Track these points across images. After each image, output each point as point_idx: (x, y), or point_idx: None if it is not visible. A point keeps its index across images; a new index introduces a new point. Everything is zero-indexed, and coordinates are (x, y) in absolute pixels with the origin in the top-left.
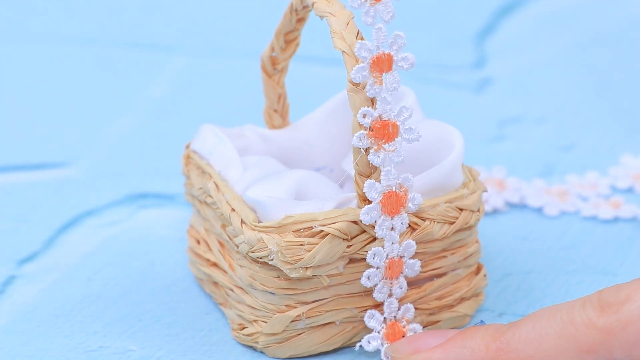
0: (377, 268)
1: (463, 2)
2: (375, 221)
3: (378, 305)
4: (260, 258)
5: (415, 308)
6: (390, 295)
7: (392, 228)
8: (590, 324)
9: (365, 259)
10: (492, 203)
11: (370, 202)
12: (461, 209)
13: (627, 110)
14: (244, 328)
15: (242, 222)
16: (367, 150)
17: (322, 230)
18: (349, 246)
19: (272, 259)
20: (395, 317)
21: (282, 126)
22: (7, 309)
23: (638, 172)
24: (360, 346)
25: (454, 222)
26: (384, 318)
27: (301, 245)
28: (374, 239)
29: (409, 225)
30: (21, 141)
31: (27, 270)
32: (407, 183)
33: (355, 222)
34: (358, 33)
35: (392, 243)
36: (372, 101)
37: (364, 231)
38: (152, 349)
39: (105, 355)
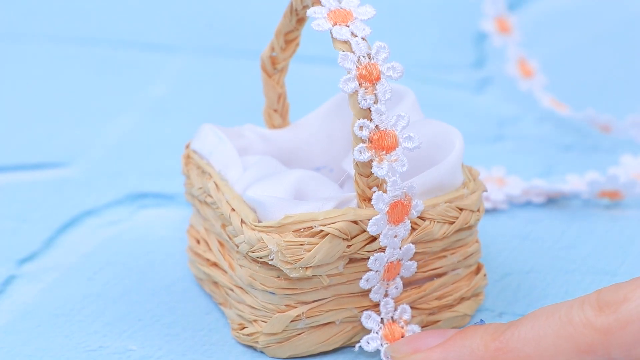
0: (377, 271)
1: (463, 2)
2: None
3: (376, 306)
4: (260, 258)
5: (415, 308)
6: (386, 295)
7: (395, 235)
8: (588, 324)
9: (364, 259)
10: (492, 199)
11: (369, 200)
12: (461, 209)
13: (627, 110)
14: (244, 328)
15: (242, 221)
16: (369, 162)
17: (322, 230)
18: (348, 246)
19: (272, 259)
20: (392, 317)
21: (282, 126)
22: (7, 309)
23: (638, 172)
24: (360, 347)
25: (454, 221)
26: (381, 319)
27: (301, 245)
28: (374, 238)
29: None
30: (21, 141)
31: (27, 270)
32: (411, 191)
33: (355, 222)
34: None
35: (394, 249)
36: (368, 111)
37: (364, 231)
38: (152, 349)
39: (105, 355)
